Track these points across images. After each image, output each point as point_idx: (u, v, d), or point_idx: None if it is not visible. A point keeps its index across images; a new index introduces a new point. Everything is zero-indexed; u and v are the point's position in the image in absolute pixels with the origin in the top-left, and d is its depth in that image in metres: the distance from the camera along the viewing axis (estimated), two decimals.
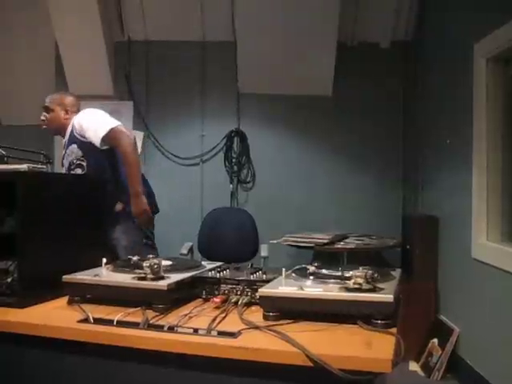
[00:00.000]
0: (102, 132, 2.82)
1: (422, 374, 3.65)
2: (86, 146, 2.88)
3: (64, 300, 1.60)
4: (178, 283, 1.52)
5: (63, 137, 3.13)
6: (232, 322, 1.36)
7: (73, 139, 2.97)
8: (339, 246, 3.86)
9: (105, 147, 2.87)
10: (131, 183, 2.82)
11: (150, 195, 3.11)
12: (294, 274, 1.53)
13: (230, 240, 3.97)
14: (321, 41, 4.40)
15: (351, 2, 4.41)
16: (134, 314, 1.42)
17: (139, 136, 4.78)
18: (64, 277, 1.57)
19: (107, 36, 4.57)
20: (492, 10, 3.10)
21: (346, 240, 4.04)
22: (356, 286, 1.34)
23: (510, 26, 2.84)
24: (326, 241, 3.78)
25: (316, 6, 4.20)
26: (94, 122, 2.90)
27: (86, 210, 1.90)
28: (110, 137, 2.83)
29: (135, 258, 1.68)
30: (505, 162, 3.22)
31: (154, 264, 1.51)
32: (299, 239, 3.85)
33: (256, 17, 4.27)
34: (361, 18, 4.57)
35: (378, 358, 1.13)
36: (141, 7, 4.59)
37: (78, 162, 2.92)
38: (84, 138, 2.88)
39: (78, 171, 2.91)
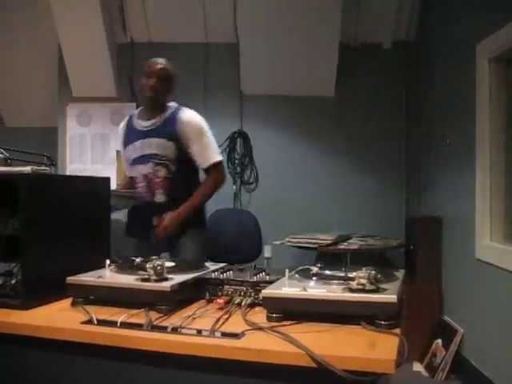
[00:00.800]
0: (213, 159, 2.77)
1: (425, 374, 3.64)
2: (183, 154, 2.74)
3: (68, 301, 1.60)
4: (182, 284, 1.52)
5: (147, 114, 2.84)
6: (235, 323, 1.36)
7: (168, 132, 2.73)
8: (342, 247, 3.86)
9: (202, 168, 2.81)
10: (188, 207, 2.73)
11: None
12: (297, 275, 1.53)
13: (233, 241, 3.96)
14: (323, 42, 4.40)
15: (353, 2, 4.41)
16: (138, 316, 1.42)
17: None
18: (68, 278, 1.58)
19: (110, 38, 4.58)
20: (494, 10, 3.09)
21: (350, 241, 4.04)
22: (359, 287, 1.33)
23: None
24: (329, 242, 3.78)
25: (318, 7, 4.20)
26: (210, 144, 2.79)
27: (90, 212, 1.91)
28: (216, 168, 2.79)
29: (138, 260, 1.69)
30: (508, 162, 3.21)
31: (158, 265, 1.51)
32: (302, 240, 3.85)
33: (258, 18, 4.27)
34: (363, 19, 4.57)
35: (382, 359, 1.13)
36: (143, 9, 4.60)
37: (166, 162, 2.73)
38: (188, 147, 2.74)
39: (162, 171, 2.73)
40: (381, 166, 4.78)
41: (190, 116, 2.80)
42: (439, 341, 3.72)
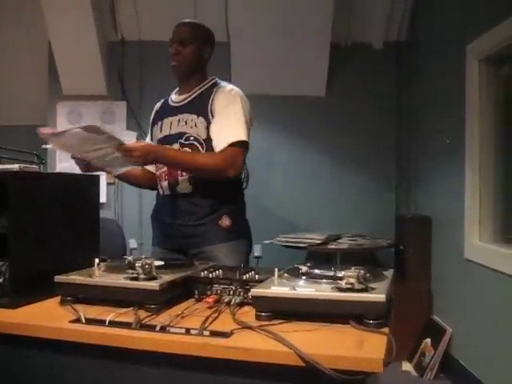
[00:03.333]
0: (234, 138, 2.20)
1: (414, 373, 3.66)
2: (207, 135, 2.26)
3: (56, 300, 1.59)
4: (170, 283, 1.52)
5: (181, 89, 2.43)
6: (224, 322, 1.36)
7: (201, 107, 2.29)
8: (332, 247, 3.86)
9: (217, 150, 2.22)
10: (173, 154, 2.21)
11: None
12: (286, 274, 1.53)
13: None
14: (314, 42, 4.40)
15: (344, 3, 4.42)
16: (126, 314, 1.41)
17: (132, 136, 4.76)
18: (56, 277, 1.57)
19: (100, 36, 4.55)
20: (485, 11, 3.11)
21: (340, 240, 4.04)
22: (348, 286, 1.34)
23: (503, 27, 2.86)
24: (319, 241, 3.78)
25: (309, 7, 4.21)
26: (236, 121, 2.24)
27: (79, 210, 1.90)
28: (235, 148, 2.21)
29: (130, 258, 1.68)
30: (497, 162, 3.24)
31: (146, 264, 1.50)
32: (292, 239, 3.85)
33: (249, 18, 4.27)
34: (354, 19, 4.58)
35: (370, 358, 1.13)
36: (134, 7, 4.58)
37: (194, 143, 2.26)
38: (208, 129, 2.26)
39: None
40: (371, 165, 4.79)
41: (227, 88, 2.33)
42: (428, 340, 3.74)
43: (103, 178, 4.65)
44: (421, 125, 4.36)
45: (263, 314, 1.38)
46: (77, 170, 2.29)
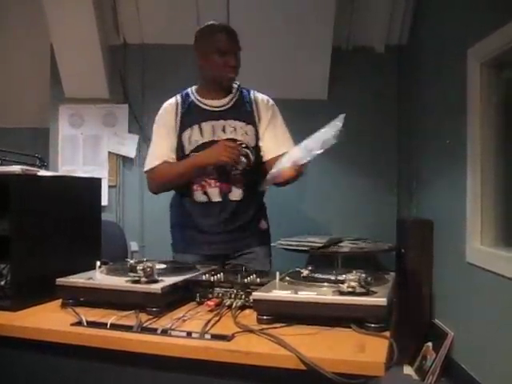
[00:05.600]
0: (288, 149, 2.27)
1: (416, 377, 3.65)
2: (258, 141, 2.34)
3: (57, 303, 1.59)
4: (172, 286, 1.52)
5: (212, 92, 2.38)
6: (226, 326, 1.36)
7: (247, 114, 2.34)
8: (334, 250, 3.86)
9: (270, 158, 2.32)
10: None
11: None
12: (287, 278, 1.53)
13: None
14: (316, 45, 4.40)
15: (346, 6, 4.43)
16: (128, 318, 1.41)
17: (134, 139, 4.78)
18: (57, 280, 1.57)
19: (103, 39, 4.56)
20: (486, 14, 3.11)
21: (341, 244, 4.04)
22: (349, 290, 1.34)
23: (504, 30, 2.85)
24: (320, 244, 3.78)
25: (311, 10, 4.21)
26: (285, 130, 2.47)
27: (81, 213, 1.90)
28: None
29: (131, 261, 1.68)
30: (499, 165, 3.23)
31: (148, 267, 1.50)
32: (294, 243, 3.85)
33: (251, 21, 4.27)
34: (355, 23, 4.58)
35: (371, 362, 1.13)
36: (136, 10, 4.59)
37: (245, 150, 2.29)
38: (257, 138, 2.33)
39: (242, 162, 2.26)
40: (373, 168, 4.79)
41: (263, 96, 2.44)
42: (429, 344, 3.73)
43: (105, 181, 4.66)
44: (422, 128, 4.35)
45: (264, 317, 1.38)
46: (78, 174, 2.29)
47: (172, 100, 2.44)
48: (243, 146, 2.28)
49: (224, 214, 2.29)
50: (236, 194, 2.30)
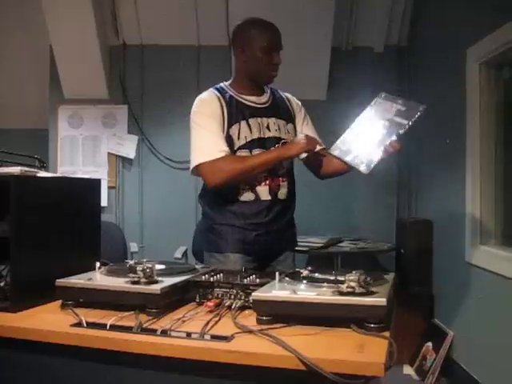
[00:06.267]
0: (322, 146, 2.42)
1: (416, 377, 3.65)
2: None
3: (57, 304, 1.59)
4: (172, 287, 1.52)
5: (249, 89, 2.34)
6: (225, 326, 1.36)
7: (286, 112, 2.41)
8: (333, 250, 3.87)
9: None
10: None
11: None
12: (287, 278, 1.53)
13: None
14: (315, 45, 4.41)
15: (345, 6, 4.43)
16: (128, 318, 1.41)
17: (134, 140, 4.78)
18: (57, 281, 1.57)
19: (102, 40, 4.56)
20: (485, 14, 3.11)
21: (341, 244, 4.05)
22: (349, 290, 1.34)
23: (503, 30, 2.86)
24: (320, 245, 3.79)
25: (310, 11, 4.22)
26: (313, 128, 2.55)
27: (80, 213, 1.90)
28: None
29: (131, 262, 1.68)
30: (498, 166, 3.24)
31: (147, 268, 1.50)
32: None
33: None
34: (355, 23, 4.58)
35: (371, 362, 1.13)
36: (135, 11, 4.59)
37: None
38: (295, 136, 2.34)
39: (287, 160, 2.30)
40: (372, 169, 4.77)
41: (290, 95, 2.52)
42: (429, 344, 3.73)
43: (104, 182, 4.66)
44: (421, 128, 4.35)
45: (264, 317, 1.38)
46: (77, 175, 2.29)
47: (209, 93, 2.32)
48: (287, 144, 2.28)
49: (272, 214, 2.28)
50: (283, 192, 2.31)
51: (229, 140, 2.21)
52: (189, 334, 1.31)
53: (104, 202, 4.66)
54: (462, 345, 3.51)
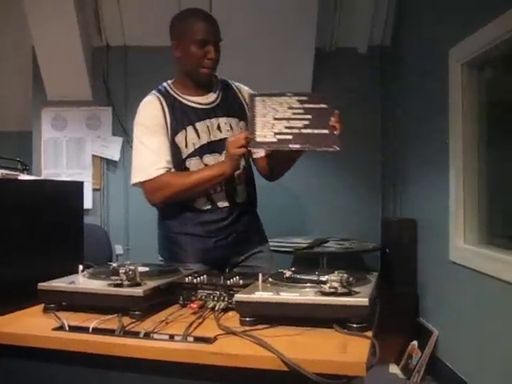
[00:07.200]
0: None
1: (402, 376, 3.67)
2: None
3: (39, 308, 1.58)
4: (155, 289, 1.52)
5: (194, 88, 2.16)
6: (209, 328, 1.36)
7: (237, 109, 2.20)
8: (319, 251, 3.88)
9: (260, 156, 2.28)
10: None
11: None
12: (270, 279, 1.54)
13: None
14: (299, 46, 4.42)
15: (329, 7, 4.45)
16: (110, 321, 1.41)
17: (118, 142, 4.76)
18: (39, 284, 1.55)
19: (85, 41, 4.54)
20: (467, 15, 3.14)
21: (326, 244, 4.06)
22: (332, 290, 1.34)
23: (485, 31, 2.88)
24: (305, 245, 3.79)
25: (294, 12, 4.23)
26: None
27: (63, 217, 1.89)
28: None
29: (114, 265, 1.67)
30: (481, 164, 3.26)
31: (130, 270, 1.50)
32: (278, 244, 3.85)
33: (234, 22, 4.27)
34: (338, 23, 4.59)
35: (353, 362, 1.13)
36: (119, 13, 4.57)
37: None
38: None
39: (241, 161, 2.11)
40: (356, 169, 4.80)
41: (245, 87, 2.29)
42: (415, 342, 3.75)
43: (89, 184, 4.64)
44: (405, 128, 4.38)
45: (247, 319, 1.38)
46: (62, 177, 2.28)
47: (151, 98, 2.18)
48: None
49: (231, 218, 2.16)
50: (241, 196, 2.19)
51: (175, 149, 2.08)
52: (171, 337, 1.30)
53: (89, 205, 4.64)
54: (446, 343, 3.54)
